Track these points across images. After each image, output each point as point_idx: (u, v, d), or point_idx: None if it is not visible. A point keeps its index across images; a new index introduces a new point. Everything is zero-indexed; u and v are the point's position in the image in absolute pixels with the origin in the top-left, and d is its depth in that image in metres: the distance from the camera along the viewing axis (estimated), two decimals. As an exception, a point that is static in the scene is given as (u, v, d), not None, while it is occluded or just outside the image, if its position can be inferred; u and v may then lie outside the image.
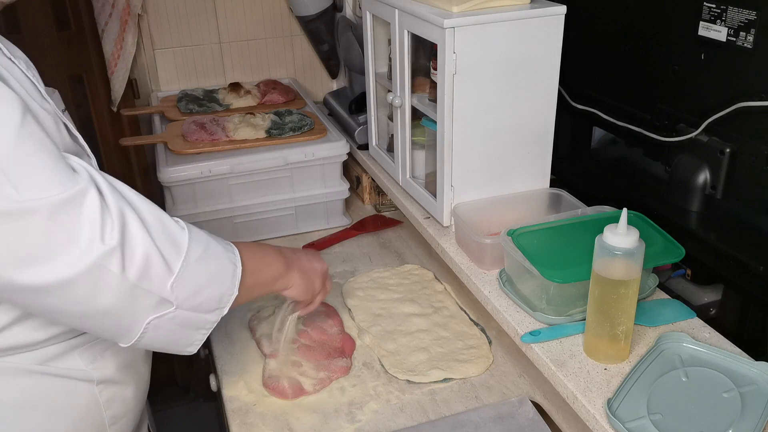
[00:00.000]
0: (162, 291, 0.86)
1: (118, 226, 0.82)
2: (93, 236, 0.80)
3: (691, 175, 1.16)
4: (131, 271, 0.83)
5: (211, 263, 0.93)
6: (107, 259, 0.81)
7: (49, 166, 0.80)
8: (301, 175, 1.61)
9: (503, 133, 1.26)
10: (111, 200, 0.83)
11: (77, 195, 0.80)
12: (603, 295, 0.94)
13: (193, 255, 0.90)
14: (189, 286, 0.89)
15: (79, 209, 0.80)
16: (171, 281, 0.87)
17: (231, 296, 0.95)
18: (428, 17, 1.18)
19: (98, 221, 0.80)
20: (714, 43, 1.08)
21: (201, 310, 0.92)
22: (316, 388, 1.15)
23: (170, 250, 0.88)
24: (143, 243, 0.84)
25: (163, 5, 1.96)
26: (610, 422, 0.88)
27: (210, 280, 0.92)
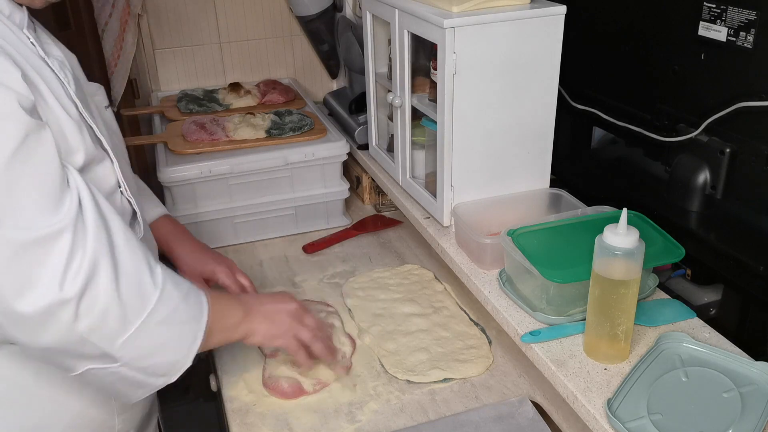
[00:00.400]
0: (109, 347, 0.84)
1: (83, 276, 0.79)
2: (52, 283, 0.78)
3: (691, 175, 1.16)
4: (83, 324, 0.81)
5: (172, 329, 0.89)
6: (60, 308, 0.79)
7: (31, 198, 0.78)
8: (301, 175, 1.61)
9: (503, 133, 1.26)
10: (90, 246, 0.81)
11: (49, 236, 0.78)
12: (603, 295, 0.94)
13: (155, 317, 0.86)
14: (141, 347, 0.86)
15: (47, 251, 0.78)
16: (122, 339, 0.84)
17: (184, 366, 0.92)
18: (428, 17, 1.18)
19: (62, 268, 0.78)
20: (714, 43, 1.08)
21: (147, 373, 0.89)
22: (316, 388, 1.15)
23: (133, 306, 0.84)
24: (106, 297, 0.82)
25: (163, 5, 1.96)
26: (610, 422, 0.88)
27: (165, 346, 0.89)
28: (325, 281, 1.47)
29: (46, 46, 0.95)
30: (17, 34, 0.88)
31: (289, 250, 1.60)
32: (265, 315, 1.07)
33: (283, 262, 1.55)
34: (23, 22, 0.90)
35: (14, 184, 0.77)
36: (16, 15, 0.90)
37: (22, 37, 0.89)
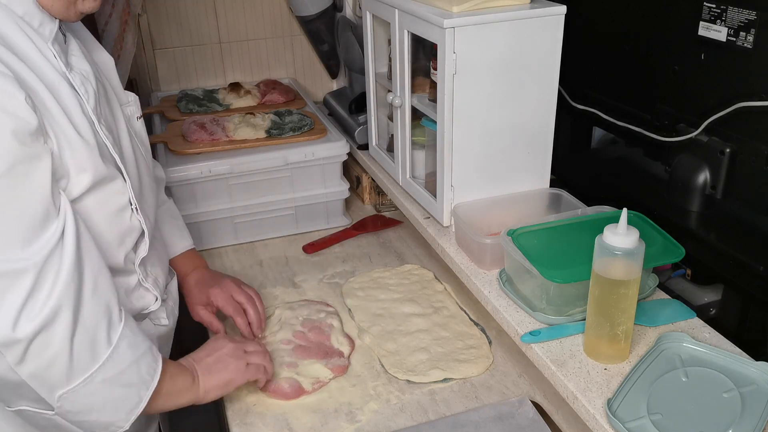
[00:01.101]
0: (48, 396, 0.83)
1: (41, 320, 0.78)
2: (5, 319, 0.77)
3: (691, 175, 1.16)
4: (26, 369, 0.80)
5: (115, 390, 0.87)
6: (7, 348, 0.78)
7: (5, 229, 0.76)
8: (301, 175, 1.60)
9: (503, 133, 1.26)
10: (57, 291, 0.79)
11: (11, 272, 0.77)
12: (603, 295, 0.94)
13: (100, 375, 0.85)
14: (80, 403, 0.85)
15: (6, 287, 0.77)
16: (62, 391, 0.83)
17: (120, 429, 0.90)
18: (428, 17, 1.18)
19: (19, 306, 0.77)
20: (714, 43, 1.08)
21: (82, 427, 0.88)
22: (315, 387, 1.15)
23: (82, 360, 0.83)
24: (58, 346, 0.80)
25: (163, 5, 1.96)
26: (610, 422, 0.88)
27: (104, 406, 0.87)
28: (325, 281, 1.47)
29: (71, 59, 0.95)
30: (41, 47, 0.88)
31: (289, 250, 1.60)
32: (208, 369, 1.04)
33: (283, 262, 1.55)
34: (51, 34, 0.90)
35: None
36: (46, 27, 0.90)
37: (45, 51, 0.88)
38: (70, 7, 0.91)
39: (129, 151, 1.03)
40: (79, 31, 1.05)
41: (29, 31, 0.87)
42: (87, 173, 0.89)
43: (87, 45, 1.04)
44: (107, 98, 1.02)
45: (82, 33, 1.05)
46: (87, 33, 1.07)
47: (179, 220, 1.32)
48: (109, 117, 1.00)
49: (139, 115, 1.12)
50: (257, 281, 1.47)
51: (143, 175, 1.07)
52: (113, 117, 1.02)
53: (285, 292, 1.43)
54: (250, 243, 1.63)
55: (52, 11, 0.90)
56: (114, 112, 1.03)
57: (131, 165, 1.02)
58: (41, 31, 0.89)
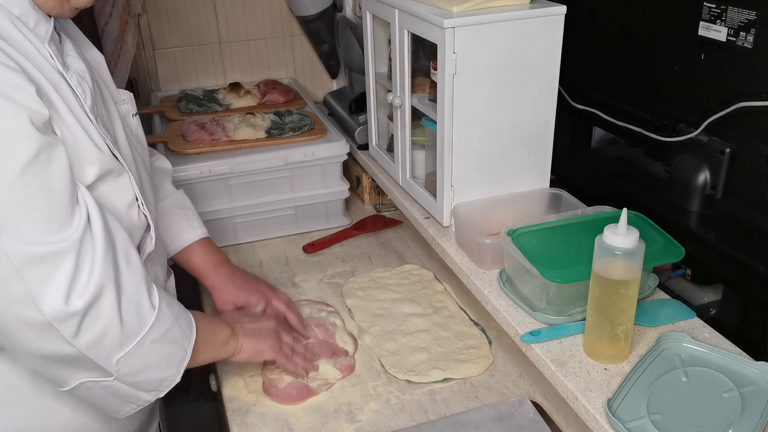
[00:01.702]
0: (106, 363, 0.87)
1: (90, 293, 0.82)
2: (56, 298, 0.80)
3: (691, 175, 1.16)
4: (82, 340, 0.83)
5: (165, 347, 0.93)
6: (62, 323, 0.81)
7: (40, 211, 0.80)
8: (301, 175, 1.60)
9: (503, 133, 1.26)
10: (98, 269, 0.83)
11: (56, 253, 0.80)
12: (603, 295, 0.94)
13: (150, 336, 0.90)
14: (135, 364, 0.90)
15: (53, 267, 0.80)
16: (119, 356, 0.87)
17: (172, 383, 0.96)
18: (428, 17, 1.18)
19: (67, 284, 0.80)
20: (714, 43, 1.08)
21: (139, 387, 0.93)
22: (323, 389, 1.15)
23: (132, 326, 0.88)
24: (108, 316, 0.84)
25: (163, 5, 1.96)
26: (610, 422, 0.88)
27: (157, 363, 0.93)
28: (325, 281, 1.47)
29: (67, 59, 0.95)
30: (38, 48, 0.88)
31: (289, 250, 1.60)
32: (249, 333, 1.11)
33: (283, 262, 1.55)
34: (47, 34, 0.90)
35: (24, 199, 0.79)
36: (42, 26, 0.90)
37: (43, 51, 0.89)
38: (63, 2, 0.90)
39: (126, 148, 1.03)
40: (71, 30, 1.05)
41: (26, 31, 0.87)
42: (94, 168, 0.90)
43: (78, 44, 1.04)
44: (103, 97, 1.02)
45: (73, 32, 1.05)
46: (78, 31, 1.07)
47: (189, 210, 1.30)
48: (105, 116, 1.00)
49: (134, 112, 1.12)
50: (257, 281, 1.47)
51: (142, 172, 1.07)
52: (109, 116, 1.02)
53: (285, 292, 1.43)
54: (250, 243, 1.63)
55: (45, 8, 0.89)
56: (109, 111, 1.03)
57: (130, 163, 1.02)
58: (37, 32, 0.89)
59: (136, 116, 1.13)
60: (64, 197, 0.83)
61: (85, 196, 0.86)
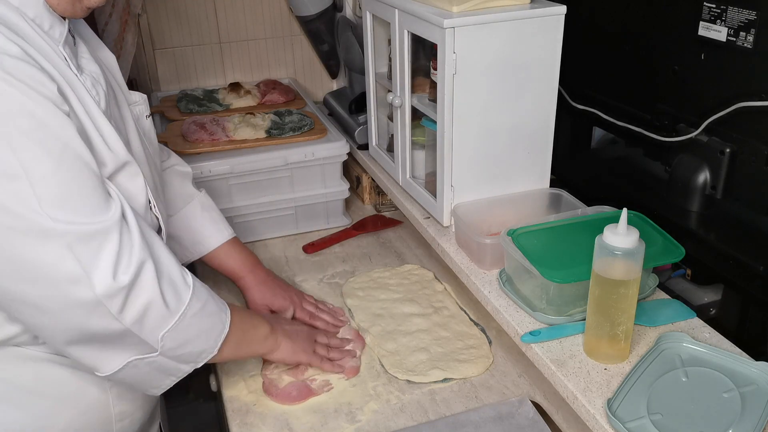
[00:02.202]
0: (151, 338, 0.90)
1: (133, 270, 0.85)
2: (105, 274, 0.83)
3: (691, 175, 1.16)
4: (128, 316, 0.86)
5: (204, 320, 0.97)
6: (110, 299, 0.84)
7: (84, 193, 0.83)
8: (301, 175, 1.61)
9: (503, 133, 1.26)
10: (136, 246, 0.87)
11: (102, 231, 0.84)
12: (603, 295, 0.94)
13: (191, 310, 0.94)
14: (178, 338, 0.93)
15: (100, 245, 0.83)
16: (164, 332, 0.91)
17: (210, 354, 0.99)
18: (428, 17, 1.18)
19: (113, 260, 0.84)
20: (714, 43, 1.08)
21: (180, 360, 0.96)
22: (323, 389, 1.15)
23: (172, 301, 0.91)
24: (150, 292, 0.88)
25: (163, 5, 1.96)
26: (610, 422, 0.88)
27: (198, 336, 0.96)
28: (325, 281, 1.47)
29: (81, 61, 0.96)
30: (54, 49, 0.89)
31: (289, 250, 1.60)
32: (287, 333, 1.15)
33: (283, 262, 1.55)
34: (62, 36, 0.91)
35: (70, 181, 0.82)
36: (56, 29, 0.90)
37: (58, 53, 0.89)
38: (75, 3, 0.91)
39: (139, 150, 1.04)
40: (83, 31, 1.05)
41: (40, 33, 0.87)
42: (108, 168, 0.92)
43: (91, 45, 1.04)
44: (116, 99, 1.03)
45: (86, 33, 1.05)
46: (90, 33, 1.07)
47: (213, 211, 1.32)
48: (119, 117, 1.01)
49: (148, 113, 1.13)
50: (257, 281, 1.47)
51: (154, 174, 1.08)
52: (122, 117, 1.03)
53: (285, 292, 1.43)
54: (250, 243, 1.62)
55: (58, 10, 0.90)
56: (123, 112, 1.04)
57: (143, 164, 1.03)
58: (52, 34, 0.89)
59: (149, 118, 1.14)
60: (99, 182, 0.86)
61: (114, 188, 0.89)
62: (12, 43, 0.80)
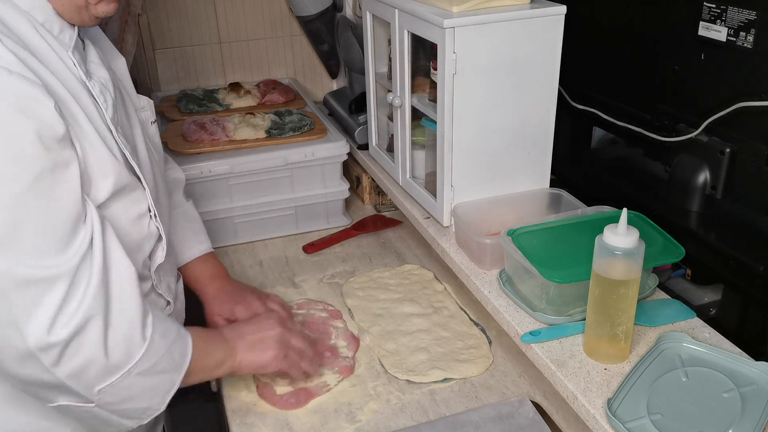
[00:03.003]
0: (87, 392, 0.85)
1: (73, 326, 0.80)
2: (40, 326, 0.78)
3: (691, 175, 1.16)
4: (63, 370, 0.81)
5: (151, 379, 0.90)
6: (43, 352, 0.79)
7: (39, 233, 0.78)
8: (301, 175, 1.61)
9: (503, 133, 1.26)
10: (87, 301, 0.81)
11: (47, 279, 0.78)
12: (603, 295, 0.94)
13: (137, 369, 0.87)
14: (117, 395, 0.87)
15: (41, 293, 0.78)
16: (100, 387, 0.85)
17: (156, 411, 0.93)
18: (428, 17, 1.17)
19: (53, 312, 0.78)
20: (714, 43, 1.08)
21: (121, 415, 0.91)
22: (322, 390, 1.15)
23: (118, 359, 0.85)
24: (92, 349, 0.82)
25: (163, 5, 1.96)
26: (610, 422, 0.88)
27: (142, 394, 0.90)
28: (325, 281, 1.47)
29: (90, 66, 0.94)
30: (61, 55, 0.87)
31: (289, 250, 1.60)
32: (249, 346, 1.06)
33: (283, 262, 1.55)
34: (71, 41, 0.90)
35: (24, 219, 0.77)
36: (66, 34, 0.89)
37: (66, 59, 0.88)
38: (81, 11, 0.90)
39: (145, 157, 1.03)
40: (97, 37, 1.04)
41: (49, 38, 0.86)
42: (109, 180, 0.89)
43: (105, 51, 1.04)
44: (124, 106, 1.02)
45: (100, 39, 1.05)
46: (102, 37, 1.06)
47: (196, 223, 1.30)
48: (126, 125, 1.00)
49: (153, 119, 1.12)
50: (257, 281, 1.47)
51: (158, 181, 1.07)
52: (129, 124, 1.02)
53: (285, 292, 1.43)
54: (250, 243, 1.63)
55: (66, 17, 0.89)
56: (130, 119, 1.03)
57: (148, 172, 1.02)
58: (61, 39, 0.88)
59: (155, 123, 1.13)
60: (68, 221, 0.81)
61: (93, 219, 0.84)
62: (11, 54, 0.77)
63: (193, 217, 1.30)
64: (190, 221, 1.29)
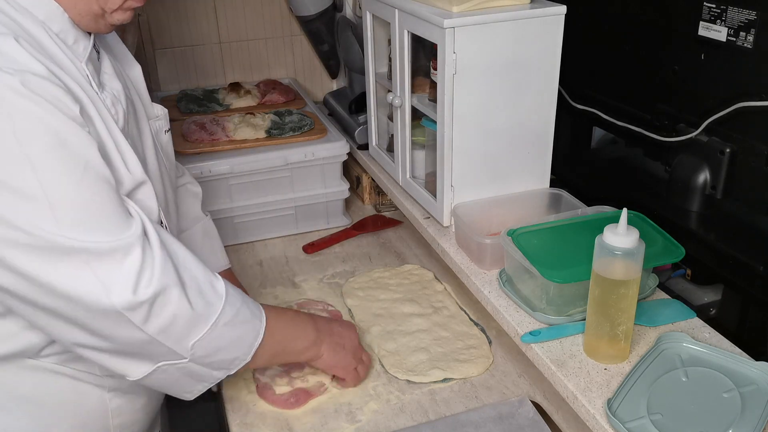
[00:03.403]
0: (179, 347, 0.89)
1: (156, 286, 0.84)
2: (125, 288, 0.82)
3: (691, 175, 1.16)
4: (153, 326, 0.86)
5: (236, 328, 0.95)
6: (131, 311, 0.83)
7: (104, 212, 0.83)
8: (301, 175, 1.61)
9: (503, 133, 1.26)
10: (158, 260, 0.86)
11: (122, 248, 0.83)
12: (603, 295, 0.94)
13: (222, 319, 0.92)
14: (209, 347, 0.92)
15: (119, 262, 0.83)
16: (194, 341, 0.90)
17: (243, 362, 0.98)
18: (428, 17, 1.18)
19: (135, 276, 0.83)
20: (714, 43, 1.08)
21: (212, 367, 0.95)
22: (321, 390, 1.14)
23: (202, 313, 0.90)
24: (176, 304, 0.87)
25: (163, 5, 1.96)
26: (610, 422, 0.88)
27: (230, 344, 0.95)
28: (325, 281, 1.47)
29: (103, 77, 0.95)
30: (77, 66, 0.88)
31: (289, 250, 1.60)
32: (332, 345, 1.11)
33: (283, 262, 1.55)
34: (86, 51, 0.90)
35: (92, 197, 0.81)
36: (81, 43, 0.90)
37: (80, 70, 0.89)
38: (98, 19, 0.90)
39: (154, 167, 1.03)
40: (113, 44, 1.05)
41: (64, 48, 0.87)
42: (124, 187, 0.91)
43: (120, 59, 1.04)
44: (136, 116, 1.02)
45: (116, 47, 1.05)
46: (121, 46, 1.07)
47: (215, 240, 1.32)
48: (136, 136, 1.00)
49: (167, 128, 1.13)
50: (257, 281, 1.47)
51: (168, 191, 1.08)
52: (140, 134, 1.02)
53: (285, 292, 1.43)
54: (250, 243, 1.63)
55: (81, 25, 0.89)
56: (141, 129, 1.03)
57: (157, 182, 1.02)
58: (75, 49, 0.89)
59: (168, 132, 1.14)
60: (119, 199, 0.85)
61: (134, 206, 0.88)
62: (37, 62, 0.79)
63: (213, 233, 1.33)
64: (210, 237, 1.31)
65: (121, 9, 0.92)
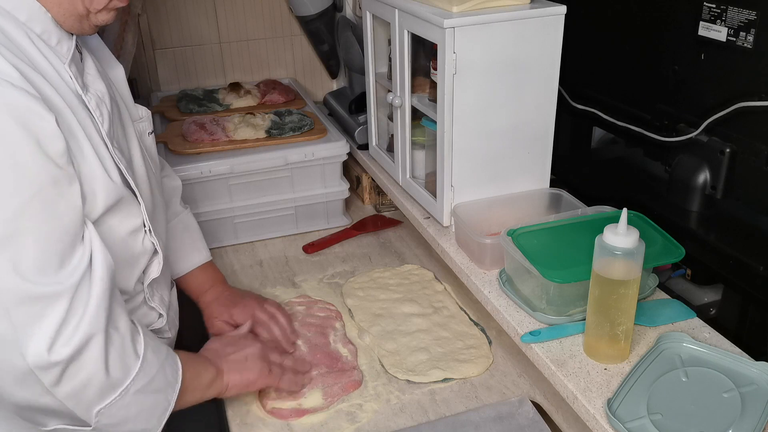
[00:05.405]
0: (85, 413, 0.84)
1: (74, 345, 0.78)
2: (41, 344, 0.76)
3: (691, 175, 1.16)
4: (63, 389, 0.80)
5: (148, 398, 0.89)
6: (43, 371, 0.78)
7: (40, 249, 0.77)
8: (301, 175, 1.61)
9: (503, 133, 1.26)
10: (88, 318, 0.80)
11: (48, 295, 0.77)
12: (603, 295, 0.94)
13: (134, 386, 0.87)
14: (117, 415, 0.86)
15: (42, 311, 0.77)
16: (99, 408, 0.84)
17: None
18: (428, 17, 1.18)
19: (54, 330, 0.77)
20: (714, 43, 1.08)
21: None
22: (328, 403, 1.12)
23: (116, 377, 0.84)
24: (93, 368, 0.81)
25: (163, 5, 1.96)
26: (610, 422, 0.88)
27: (139, 414, 0.89)
28: (325, 281, 1.47)
29: (87, 78, 0.93)
30: (57, 68, 0.87)
31: (289, 250, 1.60)
32: (234, 366, 1.06)
33: (283, 262, 1.55)
34: (69, 52, 0.89)
35: (25, 232, 0.76)
36: (64, 45, 0.88)
37: (62, 72, 0.87)
38: (82, 20, 0.89)
39: (141, 170, 1.02)
40: (96, 46, 1.03)
41: (46, 50, 0.85)
42: (103, 195, 0.89)
43: (102, 60, 1.03)
44: (121, 118, 1.00)
45: (98, 48, 1.04)
46: (104, 48, 1.05)
47: (195, 232, 1.29)
48: (122, 138, 0.99)
49: (150, 130, 1.11)
50: (257, 281, 1.47)
51: (155, 194, 1.06)
52: (125, 137, 1.01)
53: (285, 292, 1.43)
54: (250, 243, 1.63)
55: (65, 26, 0.88)
56: (126, 131, 1.02)
57: (144, 185, 1.01)
58: (58, 50, 0.87)
59: (152, 134, 1.12)
60: (68, 236, 0.80)
61: (92, 236, 0.84)
62: (13, 68, 0.76)
63: (192, 226, 1.30)
64: (189, 231, 1.28)
65: (106, 9, 0.91)
